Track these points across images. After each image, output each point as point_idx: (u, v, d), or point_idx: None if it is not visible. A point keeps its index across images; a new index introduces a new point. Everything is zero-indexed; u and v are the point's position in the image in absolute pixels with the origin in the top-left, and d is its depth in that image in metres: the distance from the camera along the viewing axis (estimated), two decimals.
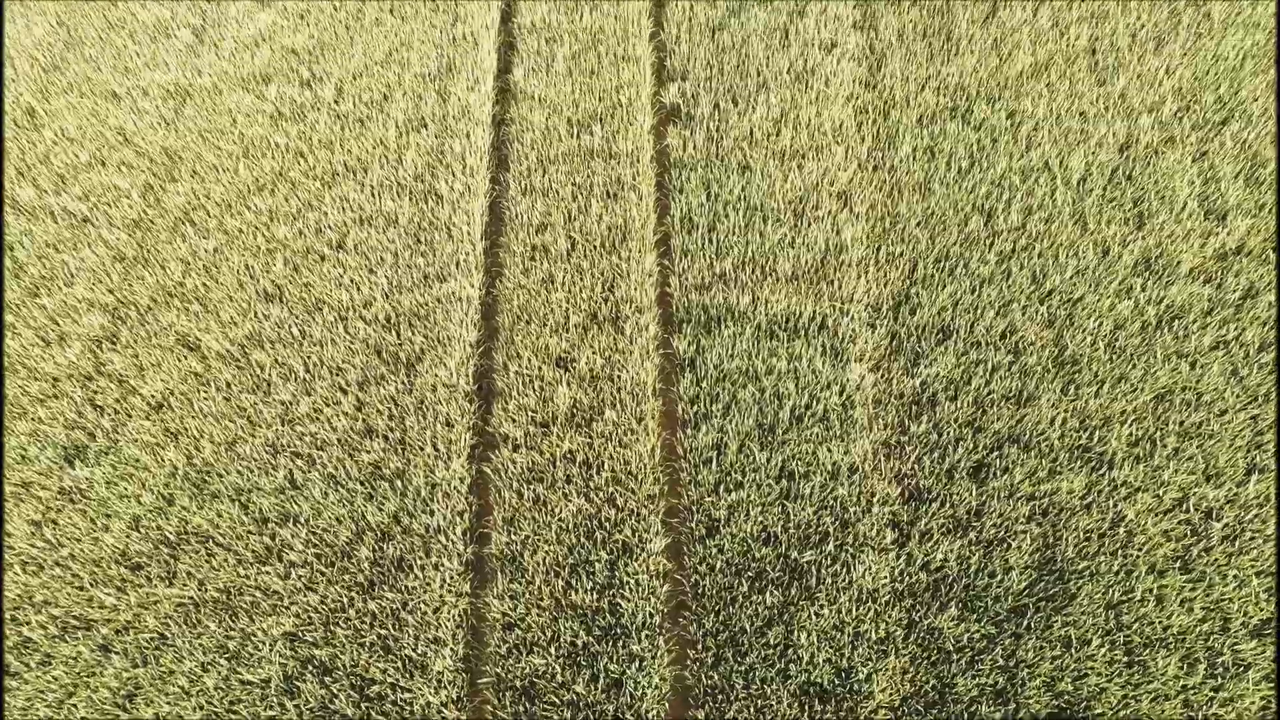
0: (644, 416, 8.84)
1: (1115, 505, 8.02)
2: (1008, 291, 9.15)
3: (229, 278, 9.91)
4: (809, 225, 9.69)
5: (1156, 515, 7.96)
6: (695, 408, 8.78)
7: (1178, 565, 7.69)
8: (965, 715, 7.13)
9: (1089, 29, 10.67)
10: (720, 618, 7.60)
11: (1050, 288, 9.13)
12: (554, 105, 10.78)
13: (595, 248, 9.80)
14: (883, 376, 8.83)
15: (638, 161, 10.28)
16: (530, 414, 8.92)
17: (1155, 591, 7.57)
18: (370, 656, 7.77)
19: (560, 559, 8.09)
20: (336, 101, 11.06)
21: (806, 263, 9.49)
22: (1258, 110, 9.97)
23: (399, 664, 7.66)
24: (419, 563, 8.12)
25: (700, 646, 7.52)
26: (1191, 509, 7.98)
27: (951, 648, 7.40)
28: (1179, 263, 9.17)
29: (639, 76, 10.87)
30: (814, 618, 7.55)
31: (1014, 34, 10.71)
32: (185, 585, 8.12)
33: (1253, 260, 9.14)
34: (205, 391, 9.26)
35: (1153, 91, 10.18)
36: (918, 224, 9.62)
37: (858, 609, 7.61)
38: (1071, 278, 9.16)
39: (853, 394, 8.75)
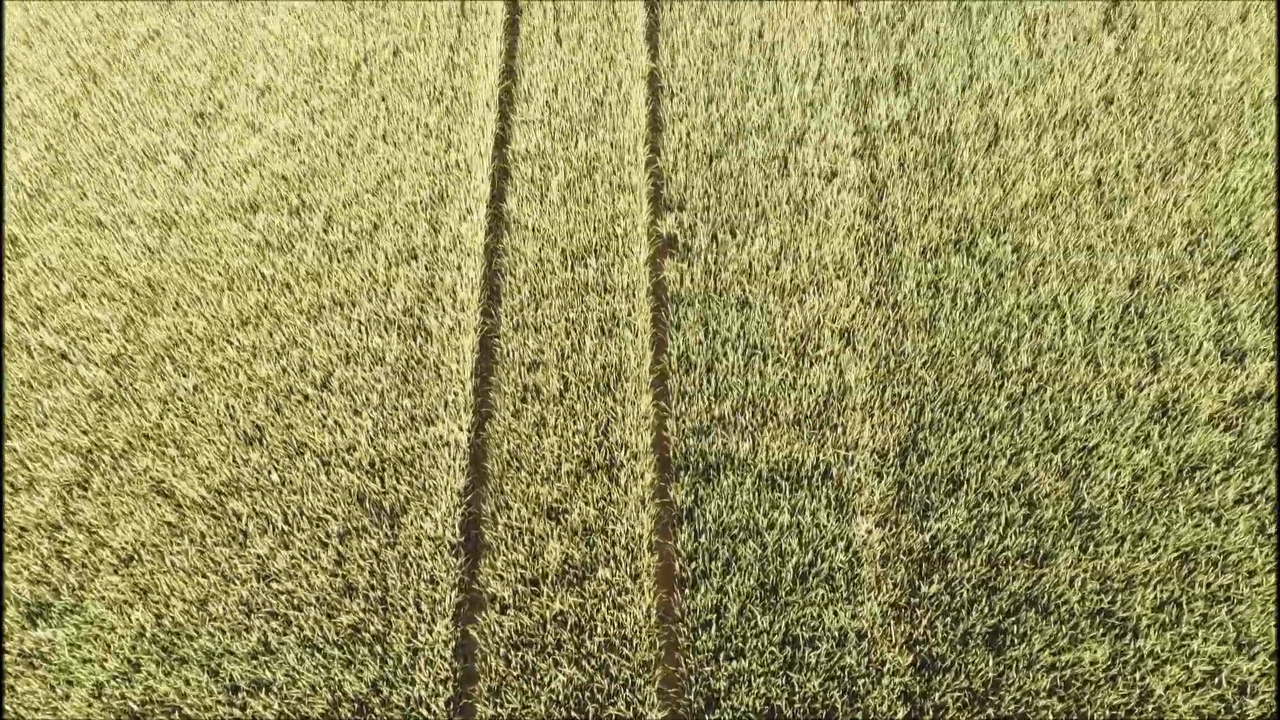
0: (639, 574, 8.68)
1: (1142, 678, 7.79)
2: (1019, 439, 9.08)
3: (208, 418, 9.88)
4: (810, 365, 9.69)
5: (1187, 690, 7.72)
6: (694, 564, 8.63)
7: None
8: None
9: (1093, 159, 10.86)
10: None
11: (1064, 435, 9.07)
12: (548, 236, 10.92)
13: (589, 388, 9.78)
14: (890, 531, 8.70)
15: (634, 295, 10.35)
16: (519, 570, 8.76)
17: None
18: None
19: None
20: (326, 230, 11.21)
21: (808, 405, 9.45)
22: (1270, 245, 10.06)
23: None
24: None
25: None
26: (1224, 682, 7.76)
27: None
28: (1197, 408, 9.12)
29: (635, 205, 11.03)
30: None
31: (1017, 164, 10.90)
32: None
33: (1274, 405, 9.09)
34: (178, 543, 9.13)
35: (1161, 224, 10.30)
36: (924, 364, 9.61)
37: None
38: (1086, 424, 9.11)
39: (859, 550, 8.61)
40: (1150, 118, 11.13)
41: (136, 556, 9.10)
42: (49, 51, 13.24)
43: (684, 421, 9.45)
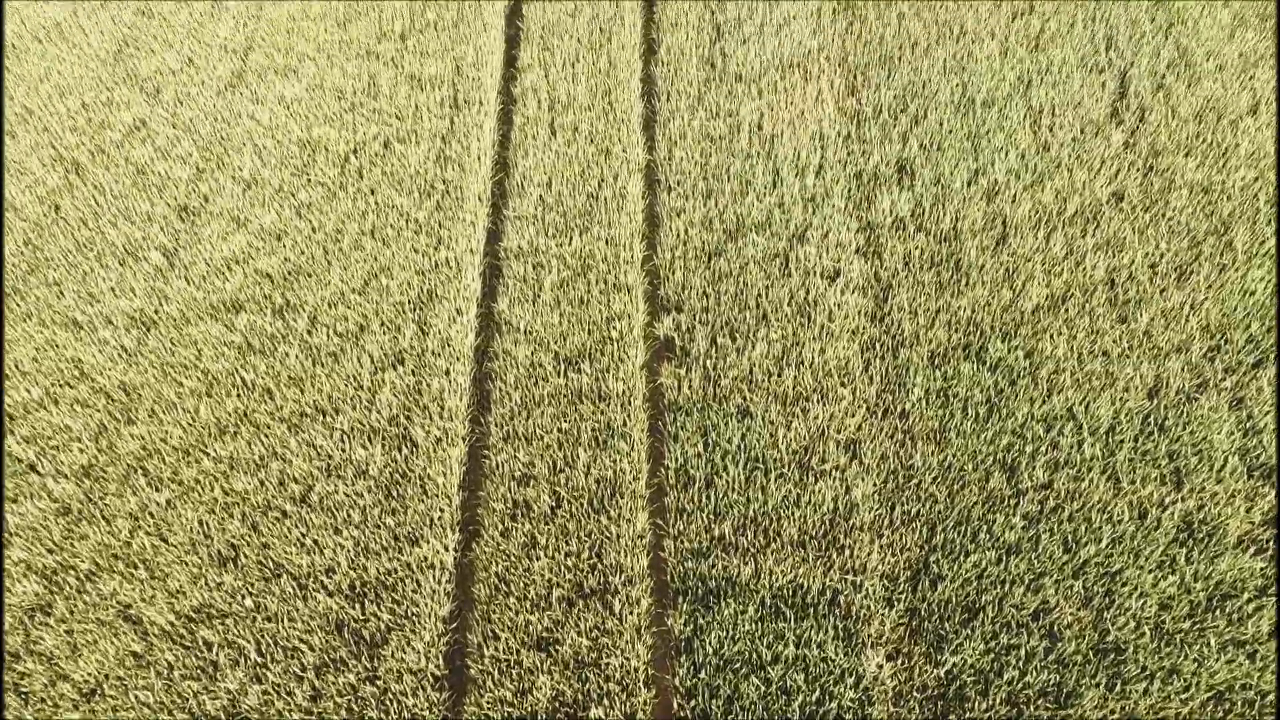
0: (635, 711, 8.30)
1: None
2: (1038, 562, 8.76)
3: (180, 537, 9.58)
4: (815, 480, 9.41)
5: None
6: (693, 703, 8.25)
7: None
8: None
9: (1105, 259, 10.73)
10: None
11: (1084, 558, 8.75)
12: (540, 339, 10.73)
13: (582, 505, 9.49)
14: (903, 665, 8.34)
15: (629, 404, 10.12)
16: (507, 709, 8.38)
17: None
18: None
19: None
20: (310, 332, 11.04)
21: (813, 525, 9.16)
22: None
23: None
24: None
25: None
26: None
27: None
28: (1224, 530, 8.82)
29: (631, 306, 10.87)
30: None
31: (1027, 263, 10.76)
32: None
33: None
34: (144, 676, 8.77)
35: (1179, 329, 10.11)
36: (934, 479, 9.34)
37: None
38: (1107, 547, 8.80)
39: (870, 687, 8.23)
40: (1163, 215, 11.03)
41: (99, 690, 8.73)
42: (32, 142, 13.24)
43: (682, 542, 9.15)
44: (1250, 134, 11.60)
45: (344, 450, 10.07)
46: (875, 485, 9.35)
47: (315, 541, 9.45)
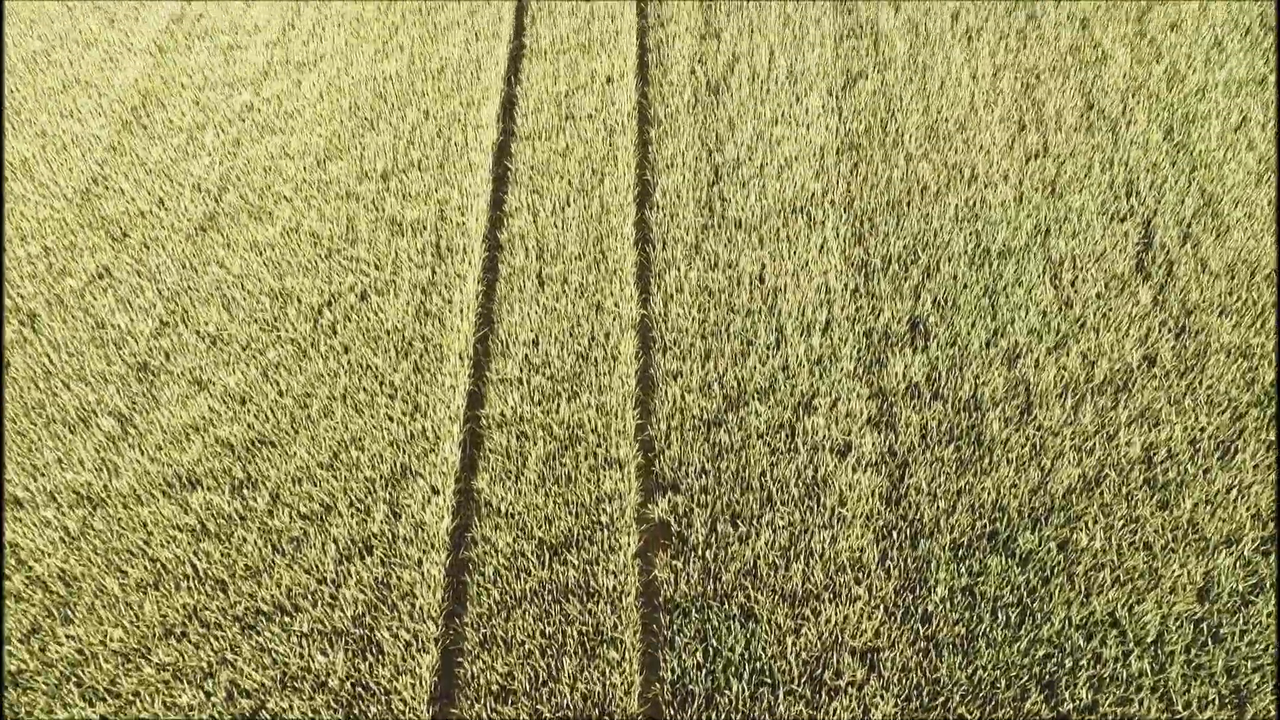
0: None
1: None
2: None
3: None
4: (829, 699, 8.60)
5: None
6: None
7: None
8: None
9: (1141, 433, 10.12)
10: None
11: None
12: (523, 523, 10.05)
13: None
14: None
15: (620, 603, 9.38)
16: None
17: None
18: None
19: None
20: (270, 513, 10.36)
21: None
22: None
23: None
24: None
25: None
26: None
27: None
28: None
29: (623, 485, 10.22)
30: None
31: (1055, 438, 10.15)
32: None
33: None
34: None
35: (1227, 517, 9.44)
36: (963, 697, 8.53)
37: None
38: None
39: None
40: (1200, 383, 10.47)
41: None
42: None
43: None
44: None
45: (302, 656, 9.29)
46: (897, 704, 8.55)
47: None
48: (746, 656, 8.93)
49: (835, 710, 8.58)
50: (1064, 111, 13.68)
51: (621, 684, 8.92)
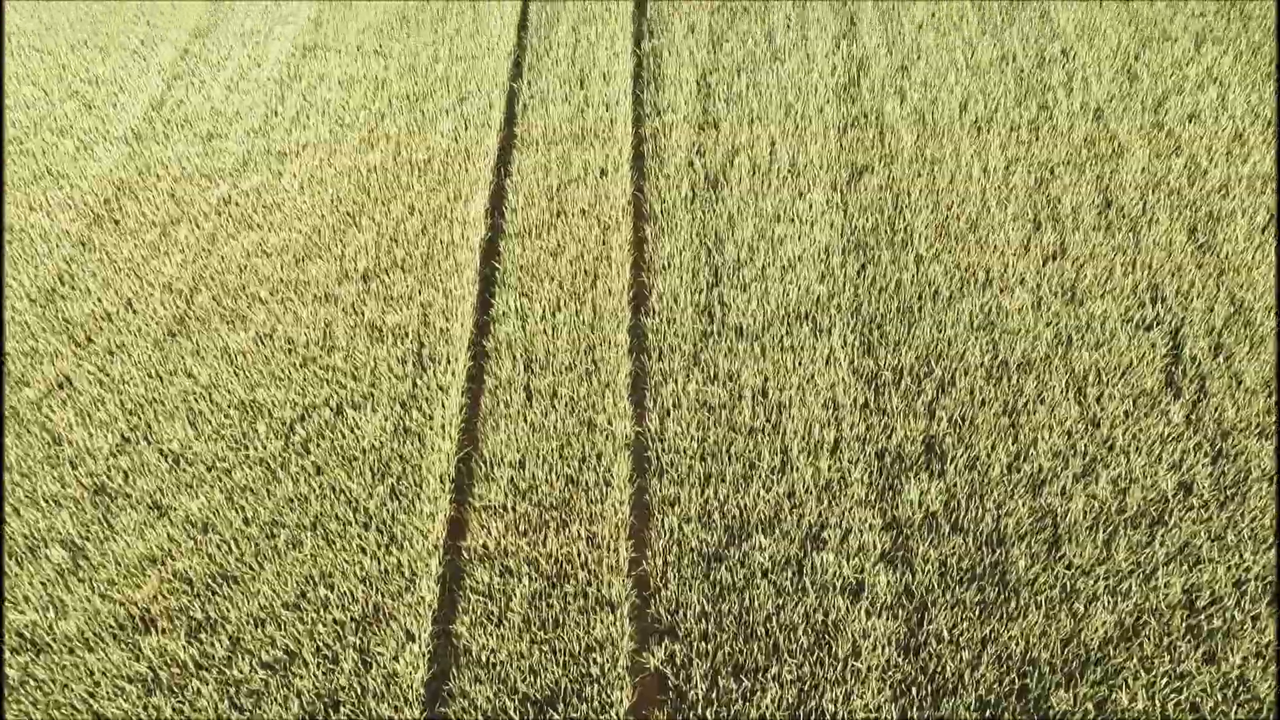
0: None
1: None
2: None
3: None
4: None
5: None
6: None
7: None
8: None
9: (1180, 573, 9.44)
10: None
11: None
12: (505, 674, 9.31)
13: None
14: None
15: None
16: None
17: None
18: None
19: None
20: (229, 661, 9.62)
21: None
22: None
23: None
24: None
25: None
26: None
27: None
28: None
29: (616, 630, 9.50)
30: None
31: (1086, 578, 9.46)
32: None
33: None
34: None
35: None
36: None
37: None
38: None
39: None
40: (1241, 515, 9.82)
41: None
42: None
43: None
44: None
45: None
46: None
47: None
48: None
49: None
50: (1081, 209, 13.24)
51: None
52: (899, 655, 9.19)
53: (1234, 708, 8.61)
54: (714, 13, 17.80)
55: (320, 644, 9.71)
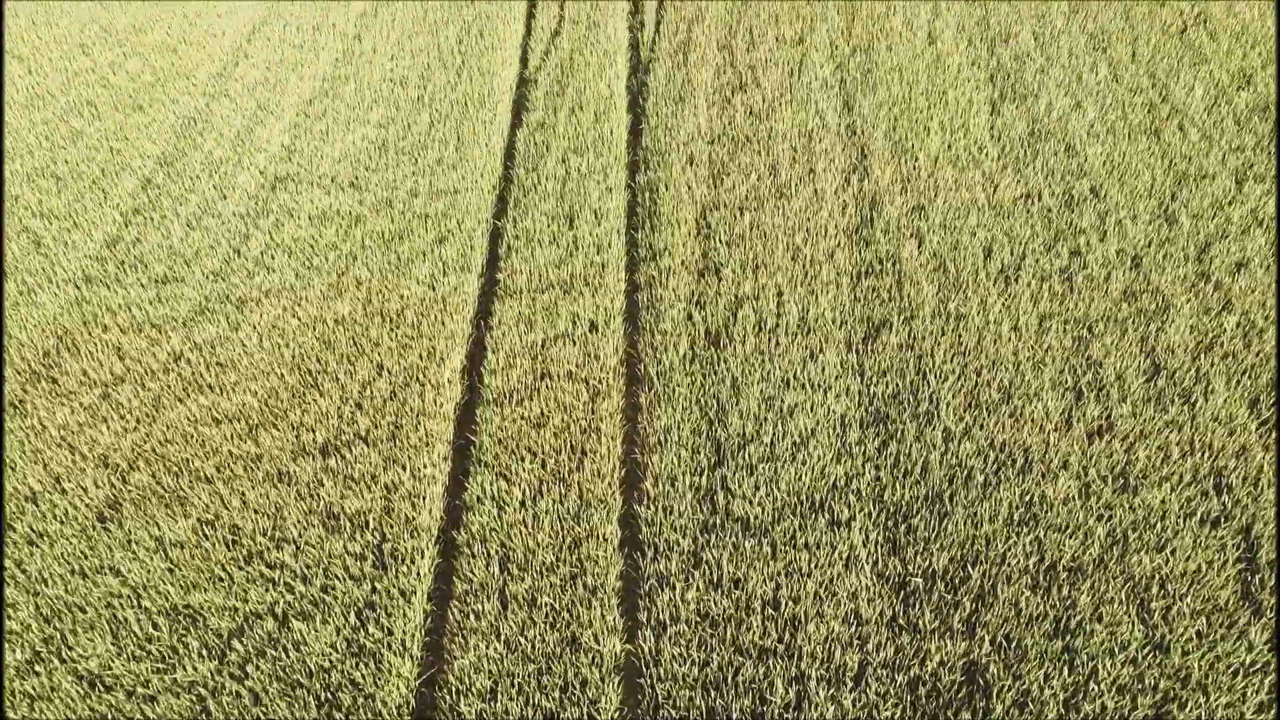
0: None
1: None
2: None
3: None
4: None
5: None
6: None
7: None
8: None
9: None
10: None
11: None
12: None
13: None
14: None
15: None
16: None
17: None
18: None
19: None
20: None
21: None
22: None
23: None
24: None
25: None
26: None
27: None
28: None
29: None
30: None
31: None
32: None
33: None
34: None
35: None
36: None
37: None
38: None
39: None
40: None
41: None
42: None
43: None
44: None
45: None
46: None
47: None
48: None
49: None
50: (1126, 375, 12.14)
51: None
52: None
53: None
54: (714, 142, 17.04)
55: None
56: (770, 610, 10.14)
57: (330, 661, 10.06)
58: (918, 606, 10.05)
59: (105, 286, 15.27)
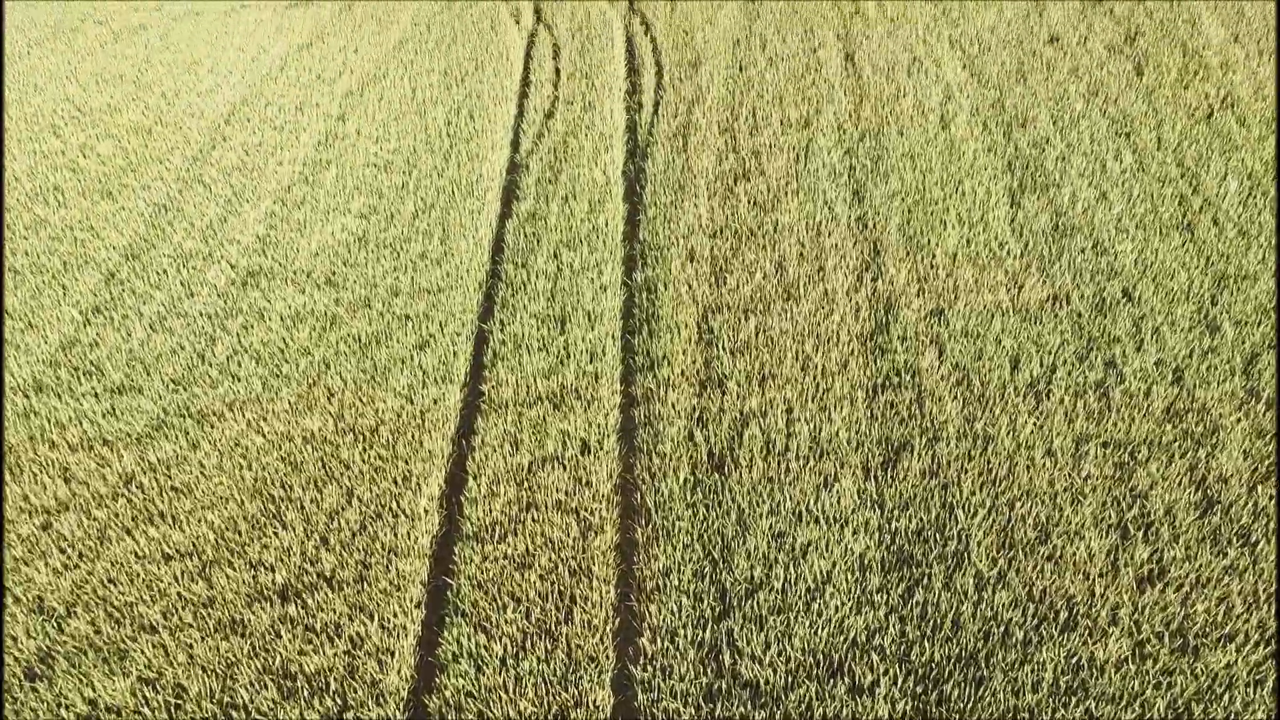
0: None
1: None
2: None
3: None
4: None
5: None
6: None
7: None
8: None
9: None
10: None
11: None
12: None
13: None
14: None
15: None
16: None
17: None
18: None
19: None
20: None
21: None
22: None
23: None
24: None
25: None
26: None
27: None
28: None
29: None
30: None
31: None
32: None
33: None
34: None
35: None
36: None
37: None
38: None
39: None
40: None
41: None
42: None
43: None
44: None
45: None
46: None
47: None
48: None
49: None
50: (1176, 510, 11.09)
51: None
52: None
53: None
54: (716, 236, 16.21)
55: None
56: None
57: None
58: None
59: (57, 396, 14.29)
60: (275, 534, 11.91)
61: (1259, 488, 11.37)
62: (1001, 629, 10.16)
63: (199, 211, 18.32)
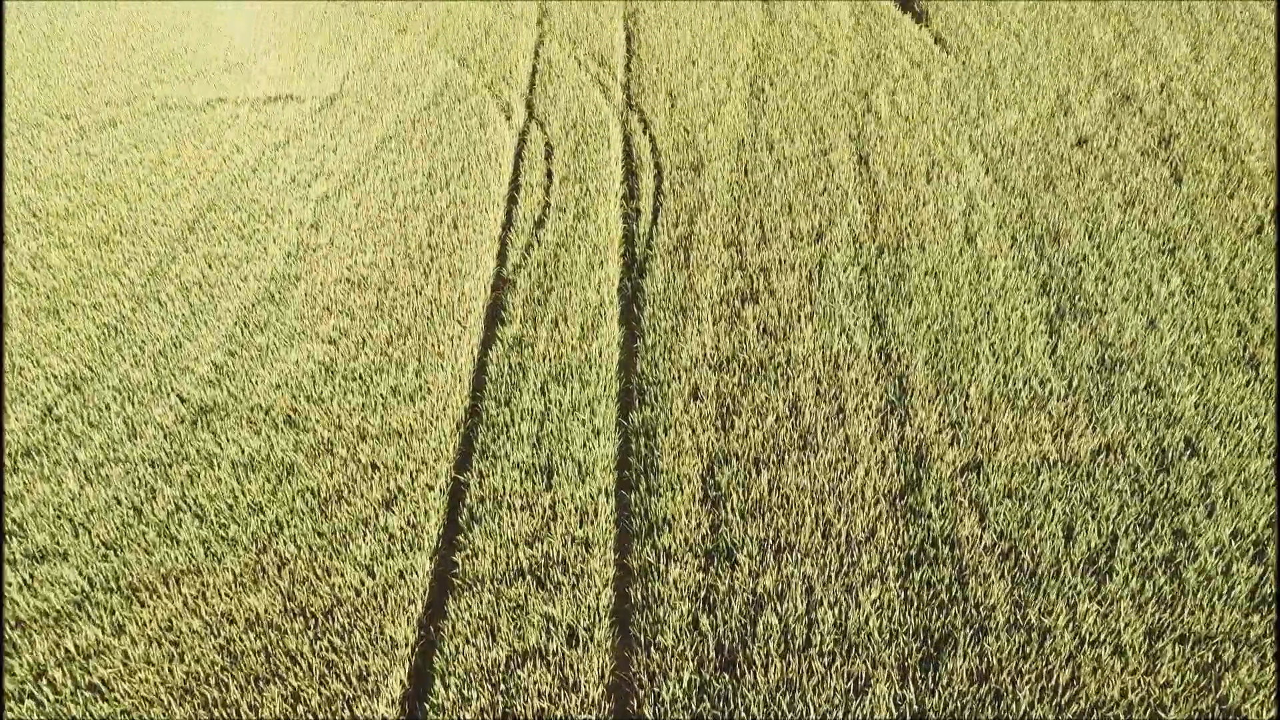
0: None
1: None
2: None
3: None
4: None
5: None
6: None
7: None
8: None
9: None
10: None
11: None
12: None
13: None
14: None
15: None
16: None
17: None
18: None
19: None
20: None
21: None
22: None
23: None
24: None
25: None
26: None
27: None
28: None
29: None
30: None
31: None
32: None
33: None
34: None
35: None
36: None
37: None
38: None
39: None
40: None
41: None
42: None
43: None
44: None
45: None
46: None
47: None
48: None
49: None
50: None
51: None
52: None
53: None
54: (721, 369, 14.77)
55: None
56: None
57: None
58: None
59: None
60: None
61: None
62: None
63: (151, 335, 16.93)
